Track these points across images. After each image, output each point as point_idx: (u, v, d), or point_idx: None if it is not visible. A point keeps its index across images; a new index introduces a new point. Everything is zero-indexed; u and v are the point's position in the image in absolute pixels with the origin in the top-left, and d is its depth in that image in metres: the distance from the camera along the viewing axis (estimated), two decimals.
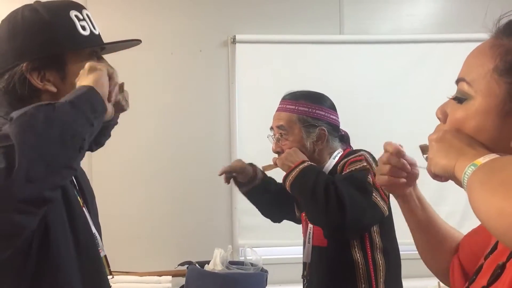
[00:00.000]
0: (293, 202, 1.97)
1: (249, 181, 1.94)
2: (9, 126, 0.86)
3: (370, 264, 1.69)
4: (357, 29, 3.38)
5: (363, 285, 1.67)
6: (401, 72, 3.29)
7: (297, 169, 1.66)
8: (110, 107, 1.07)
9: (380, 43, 3.32)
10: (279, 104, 1.83)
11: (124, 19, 3.12)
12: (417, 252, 1.10)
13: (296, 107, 1.77)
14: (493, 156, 0.69)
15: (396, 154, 0.96)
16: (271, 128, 1.84)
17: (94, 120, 0.99)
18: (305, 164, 1.67)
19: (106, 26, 1.22)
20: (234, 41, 3.24)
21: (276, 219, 2.10)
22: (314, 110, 1.77)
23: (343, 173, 1.65)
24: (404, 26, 3.41)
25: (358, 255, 1.68)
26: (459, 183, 0.72)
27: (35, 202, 0.87)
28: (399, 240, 1.76)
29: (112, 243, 1.34)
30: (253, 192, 1.96)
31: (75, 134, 0.94)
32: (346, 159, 1.69)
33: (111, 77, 1.08)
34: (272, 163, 1.83)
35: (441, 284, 1.94)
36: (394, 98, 3.26)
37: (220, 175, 1.91)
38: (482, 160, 0.68)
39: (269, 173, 1.94)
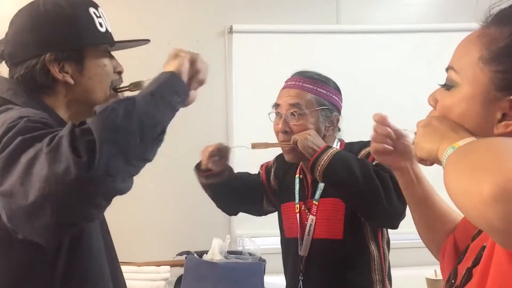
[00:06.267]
0: (260, 195, 1.91)
1: (219, 173, 1.77)
2: (91, 120, 0.88)
3: (382, 255, 1.68)
4: (354, 19, 3.37)
5: (378, 276, 1.65)
6: (398, 61, 3.29)
7: (328, 154, 1.53)
8: (191, 94, 1.09)
9: (377, 33, 3.31)
10: (290, 81, 1.73)
11: (121, 10, 3.11)
12: (414, 241, 1.12)
13: (315, 88, 1.68)
14: (472, 139, 0.71)
15: (380, 122, 1.08)
16: (275, 105, 1.73)
17: (176, 104, 1.01)
18: (334, 149, 1.57)
19: None
20: (231, 31, 3.23)
21: (232, 212, 2.03)
22: (331, 95, 1.70)
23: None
24: (401, 15, 3.40)
25: (373, 246, 1.66)
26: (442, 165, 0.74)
27: (109, 195, 0.90)
28: (400, 230, 1.76)
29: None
30: (218, 185, 1.80)
31: (155, 124, 0.95)
32: (366, 150, 1.63)
33: (193, 63, 1.08)
34: (257, 142, 1.70)
35: (438, 272, 1.97)
36: (391, 87, 3.26)
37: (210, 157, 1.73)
38: (460, 143, 0.71)
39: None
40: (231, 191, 1.84)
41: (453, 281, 0.85)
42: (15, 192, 0.84)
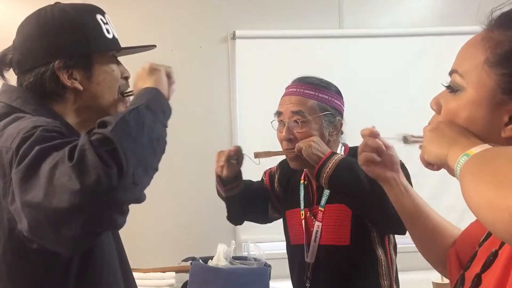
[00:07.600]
0: (265, 202, 1.91)
1: (235, 185, 1.77)
2: (109, 130, 0.89)
3: (389, 260, 1.67)
4: (357, 23, 3.38)
5: (386, 282, 1.64)
6: (401, 65, 3.29)
7: (334, 161, 1.53)
8: None
9: (380, 37, 3.32)
10: (291, 87, 1.71)
11: (124, 16, 3.12)
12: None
13: (317, 93, 1.67)
14: (485, 146, 0.70)
15: (371, 135, 1.09)
16: (278, 113, 1.71)
17: (165, 121, 1.05)
18: (339, 155, 1.57)
19: None
20: (234, 37, 3.24)
21: (238, 221, 2.01)
22: (333, 100, 1.69)
23: None
24: (403, 19, 3.41)
25: (380, 252, 1.65)
26: (451, 171, 0.73)
27: (132, 203, 0.92)
28: (406, 234, 1.74)
29: None
30: (235, 197, 1.80)
31: (159, 137, 1.00)
32: None
33: (169, 76, 1.15)
34: (259, 151, 1.69)
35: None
36: (394, 91, 3.26)
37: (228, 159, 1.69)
38: (474, 150, 0.69)
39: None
40: (241, 200, 1.84)
41: (460, 287, 0.84)
42: (40, 202, 0.84)
